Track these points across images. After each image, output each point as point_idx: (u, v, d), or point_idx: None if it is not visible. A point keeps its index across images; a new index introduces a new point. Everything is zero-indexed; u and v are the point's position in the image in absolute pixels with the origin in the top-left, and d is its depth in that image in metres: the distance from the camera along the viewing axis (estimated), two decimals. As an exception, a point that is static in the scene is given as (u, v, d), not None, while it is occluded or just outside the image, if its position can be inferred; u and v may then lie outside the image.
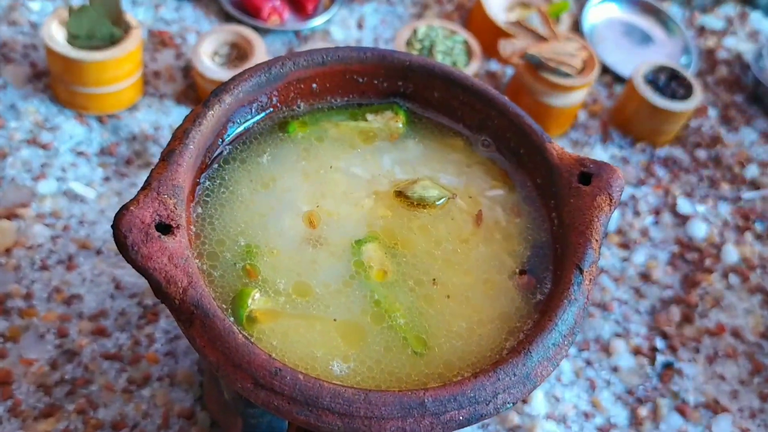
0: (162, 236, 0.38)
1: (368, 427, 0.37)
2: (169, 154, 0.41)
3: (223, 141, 0.46)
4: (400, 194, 0.47)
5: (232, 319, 0.39)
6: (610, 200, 0.45)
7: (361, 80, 0.50)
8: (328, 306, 0.41)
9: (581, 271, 0.42)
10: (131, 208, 0.38)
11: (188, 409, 0.60)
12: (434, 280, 0.44)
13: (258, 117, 0.48)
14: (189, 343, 0.39)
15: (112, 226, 0.38)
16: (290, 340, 0.40)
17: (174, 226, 0.39)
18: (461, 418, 0.38)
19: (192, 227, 0.42)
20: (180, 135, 0.42)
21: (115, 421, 0.58)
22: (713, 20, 1.04)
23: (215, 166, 0.45)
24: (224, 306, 0.40)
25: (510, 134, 0.49)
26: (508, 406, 0.39)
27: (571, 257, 0.43)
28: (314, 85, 0.50)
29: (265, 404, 0.37)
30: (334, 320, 0.40)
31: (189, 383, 0.61)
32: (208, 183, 0.45)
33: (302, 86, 0.49)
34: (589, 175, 0.46)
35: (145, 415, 0.59)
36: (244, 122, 0.47)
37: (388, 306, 0.41)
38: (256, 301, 0.41)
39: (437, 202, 0.47)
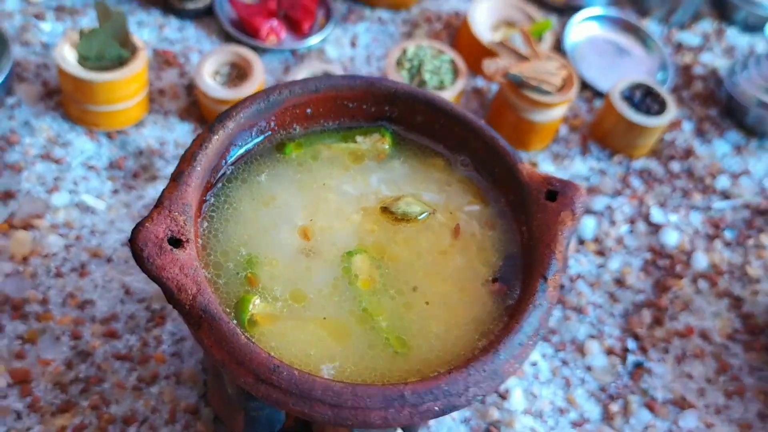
0: (174, 249, 0.43)
1: (355, 416, 0.42)
2: (178, 175, 0.47)
3: (226, 162, 0.51)
4: (385, 210, 0.52)
5: (235, 322, 0.44)
6: (573, 215, 0.50)
7: (351, 105, 0.56)
8: (320, 310, 0.46)
9: (546, 280, 0.47)
10: (146, 224, 0.43)
11: (193, 405, 0.65)
12: (415, 287, 0.49)
13: (258, 139, 0.53)
14: (197, 343, 0.44)
15: (130, 241, 0.43)
16: (287, 341, 0.45)
17: (184, 240, 0.44)
18: (437, 408, 0.43)
19: (199, 240, 0.47)
20: (188, 158, 0.48)
21: (126, 416, 0.63)
22: (691, 37, 1.10)
23: (219, 184, 0.51)
24: (228, 310, 0.45)
25: (485, 155, 0.54)
26: (479, 398, 0.44)
27: (537, 267, 0.48)
28: (309, 110, 0.55)
29: (264, 397, 0.42)
30: (324, 318, 0.46)
31: (194, 381, 0.66)
32: (213, 200, 0.50)
33: (298, 111, 0.54)
34: (555, 192, 0.51)
35: (154, 410, 0.64)
36: (245, 144, 0.53)
37: (373, 310, 0.47)
38: (256, 306, 0.46)
39: (419, 217, 0.52)
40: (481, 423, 0.69)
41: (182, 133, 0.82)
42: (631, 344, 0.77)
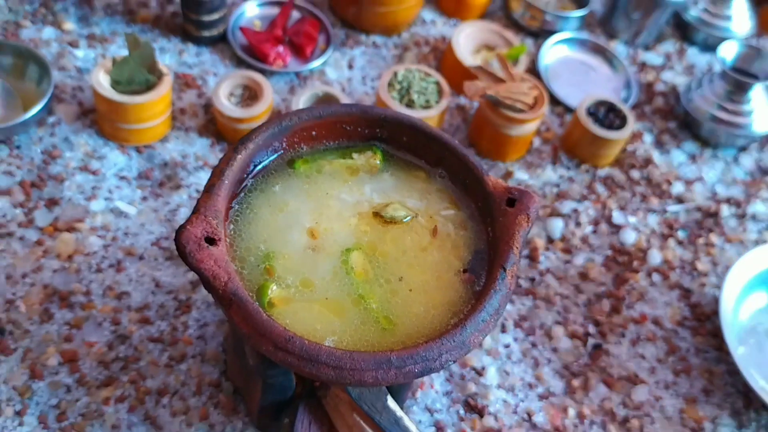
0: (209, 246, 0.55)
1: (352, 376, 0.53)
2: (210, 187, 0.58)
3: (247, 176, 0.63)
4: (376, 214, 0.63)
5: (257, 303, 0.56)
6: (528, 218, 0.61)
7: (348, 128, 0.67)
8: (323, 293, 0.58)
9: (505, 270, 0.59)
10: (187, 226, 0.55)
11: (216, 380, 0.76)
12: (401, 277, 0.61)
13: (272, 157, 0.65)
14: (228, 320, 0.55)
15: (175, 239, 0.54)
16: (298, 318, 0.56)
17: (216, 239, 0.55)
18: (416, 370, 0.54)
19: (227, 239, 0.59)
20: (218, 173, 0.59)
21: (159, 388, 0.75)
22: (654, 56, 1.22)
23: (242, 194, 0.62)
24: (251, 294, 0.56)
25: (459, 169, 0.66)
26: (450, 362, 0.55)
27: (498, 260, 0.60)
28: (314, 133, 0.66)
29: (282, 362, 0.53)
30: (326, 299, 0.57)
31: (216, 360, 0.77)
32: (237, 207, 0.61)
33: (305, 134, 0.66)
34: (514, 199, 0.62)
35: (183, 384, 0.75)
36: (262, 161, 0.64)
37: (366, 295, 0.58)
38: (273, 291, 0.57)
39: (404, 220, 0.64)
40: (460, 395, 0.80)
41: (201, 147, 0.94)
42: (592, 329, 0.88)
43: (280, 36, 1.03)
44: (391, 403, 0.66)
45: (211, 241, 0.55)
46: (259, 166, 0.64)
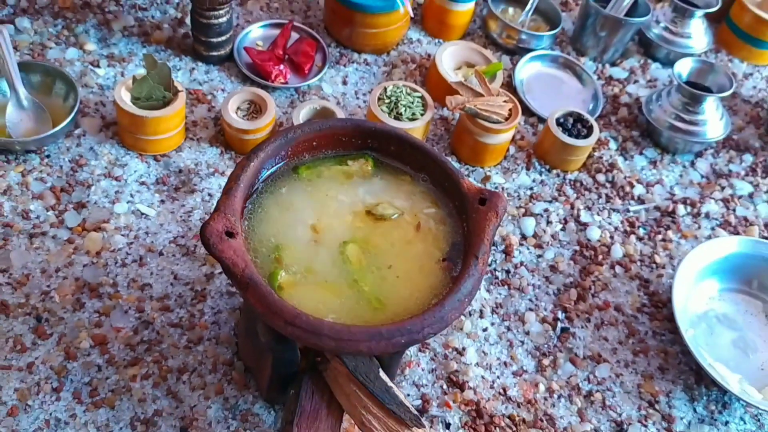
0: (229, 239, 0.65)
1: (349, 346, 0.63)
2: (228, 190, 0.69)
3: (258, 180, 0.74)
4: (369, 212, 0.74)
5: (269, 287, 0.66)
6: (497, 215, 0.72)
7: (344, 139, 0.78)
8: (324, 278, 0.69)
9: (477, 258, 0.70)
10: (210, 222, 0.66)
11: (229, 359, 0.87)
12: (390, 266, 0.71)
13: (280, 164, 0.76)
14: (244, 302, 0.66)
15: (200, 233, 0.65)
16: (303, 299, 0.67)
17: (235, 233, 0.66)
18: (403, 341, 0.64)
19: (243, 233, 0.70)
20: (234, 178, 0.70)
21: (180, 367, 0.85)
22: (619, 71, 1.33)
23: (254, 195, 0.73)
24: (264, 280, 0.67)
25: (439, 174, 0.77)
26: (431, 335, 0.66)
27: (472, 250, 0.71)
28: (314, 143, 0.77)
29: (290, 335, 0.64)
30: (326, 282, 0.68)
31: (229, 342, 0.88)
32: (251, 206, 0.72)
33: (307, 144, 0.77)
34: (485, 199, 0.74)
35: (200, 363, 0.86)
36: (271, 168, 0.75)
37: (360, 280, 0.69)
38: (282, 277, 0.68)
39: (392, 217, 0.75)
40: (443, 372, 0.91)
41: (212, 155, 1.05)
42: (560, 315, 0.99)
43: (281, 55, 1.14)
44: (382, 374, 0.77)
45: (230, 234, 0.66)
46: (268, 172, 0.75)
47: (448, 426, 0.86)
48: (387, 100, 1.07)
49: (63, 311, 0.86)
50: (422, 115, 1.08)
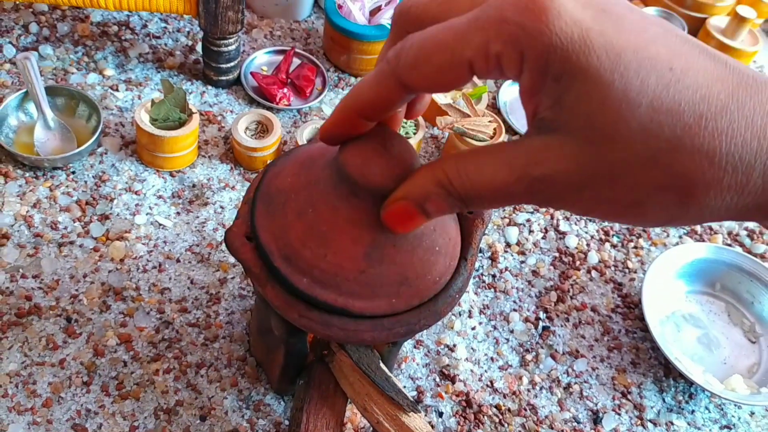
0: (249, 242, 0.75)
1: (355, 335, 0.72)
2: (247, 201, 0.79)
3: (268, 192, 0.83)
4: (370, 220, 0.84)
5: (284, 284, 0.76)
6: (483, 221, 0.82)
7: (347, 156, 0.88)
8: (333, 277, 0.78)
9: (466, 260, 0.80)
10: (233, 229, 0.75)
11: (242, 356, 0.96)
12: (389, 266, 0.81)
13: (290, 178, 0.86)
14: (260, 299, 0.75)
15: (224, 237, 0.74)
16: (314, 295, 0.76)
17: (253, 237, 0.76)
18: (402, 331, 0.74)
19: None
20: (252, 190, 0.80)
21: (198, 362, 0.94)
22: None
23: (269, 206, 0.83)
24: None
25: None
26: (426, 326, 0.75)
27: (461, 252, 0.81)
28: (321, 159, 0.87)
29: (303, 325, 0.73)
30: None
31: (241, 340, 0.97)
32: (266, 215, 0.82)
33: (314, 160, 0.87)
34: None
35: (216, 359, 0.95)
36: (282, 181, 0.85)
37: (364, 277, 0.79)
38: (295, 276, 0.77)
39: (391, 224, 0.84)
40: (436, 367, 1.00)
41: (222, 171, 1.14)
42: (542, 315, 1.09)
43: (284, 80, 1.24)
44: (382, 365, 0.87)
45: (249, 239, 0.75)
46: (281, 185, 0.84)
47: (441, 414, 0.96)
48: (383, 121, 1.17)
49: (91, 312, 0.95)
50: (415, 134, 1.18)
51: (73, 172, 1.08)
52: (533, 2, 0.37)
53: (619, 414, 1.00)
